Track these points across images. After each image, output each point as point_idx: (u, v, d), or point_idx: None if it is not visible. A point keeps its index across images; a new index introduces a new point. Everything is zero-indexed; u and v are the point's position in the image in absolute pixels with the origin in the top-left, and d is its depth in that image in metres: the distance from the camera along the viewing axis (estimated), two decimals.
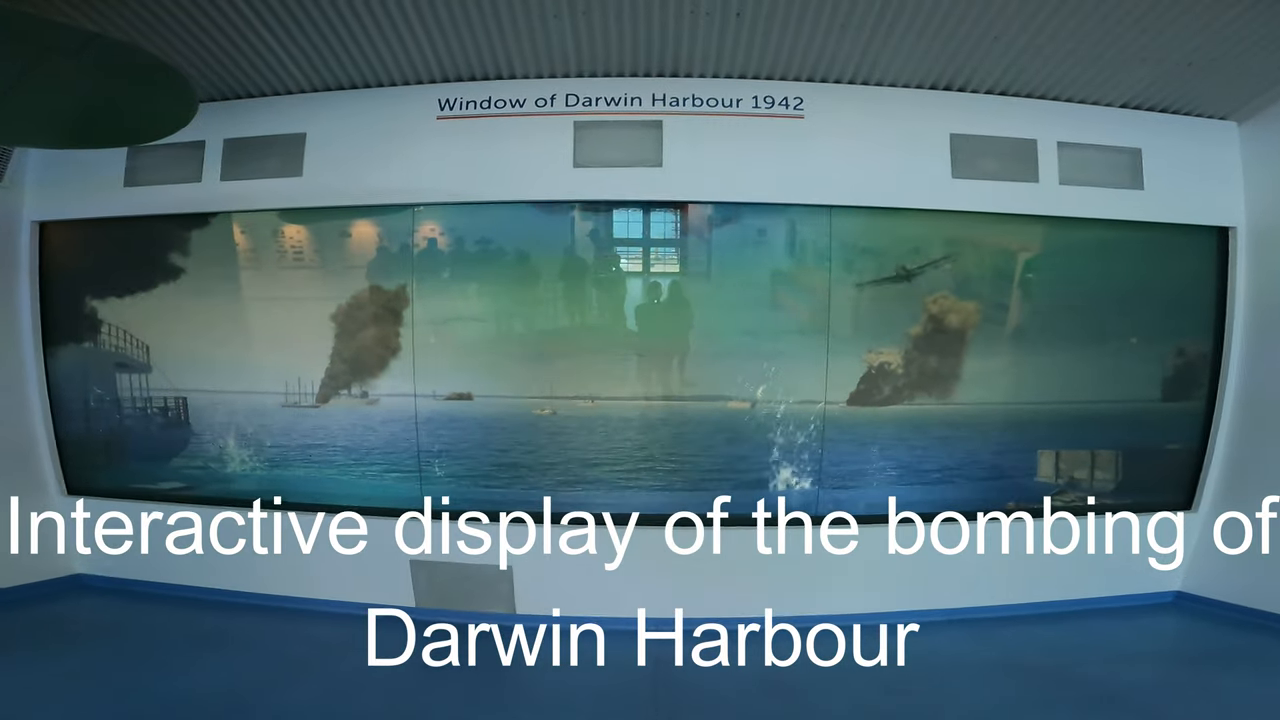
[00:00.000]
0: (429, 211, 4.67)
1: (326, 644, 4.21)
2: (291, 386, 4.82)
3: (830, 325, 4.63)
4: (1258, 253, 4.76)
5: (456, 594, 4.64)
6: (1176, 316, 4.92)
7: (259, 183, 4.70)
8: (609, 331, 4.74)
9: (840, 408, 4.65)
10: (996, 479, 4.80)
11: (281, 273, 4.84)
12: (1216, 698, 3.55)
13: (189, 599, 4.87)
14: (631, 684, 3.75)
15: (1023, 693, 3.63)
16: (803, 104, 4.54)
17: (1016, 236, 4.78)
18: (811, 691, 3.67)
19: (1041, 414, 4.83)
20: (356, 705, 3.48)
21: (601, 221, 4.70)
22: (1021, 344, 4.82)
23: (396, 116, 4.63)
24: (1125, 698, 3.55)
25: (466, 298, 4.72)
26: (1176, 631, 4.58)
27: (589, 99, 4.55)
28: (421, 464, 4.72)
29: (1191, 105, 4.74)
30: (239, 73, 4.50)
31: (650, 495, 4.64)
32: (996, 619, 4.67)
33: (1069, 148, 4.66)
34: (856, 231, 4.65)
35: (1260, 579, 4.58)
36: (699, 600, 4.55)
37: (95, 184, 4.82)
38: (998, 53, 4.27)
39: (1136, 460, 4.93)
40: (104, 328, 5.01)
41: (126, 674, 3.74)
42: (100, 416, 5.10)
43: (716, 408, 4.67)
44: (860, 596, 4.64)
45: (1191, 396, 4.94)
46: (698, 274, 4.74)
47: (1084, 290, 4.82)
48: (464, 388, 4.68)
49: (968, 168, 4.59)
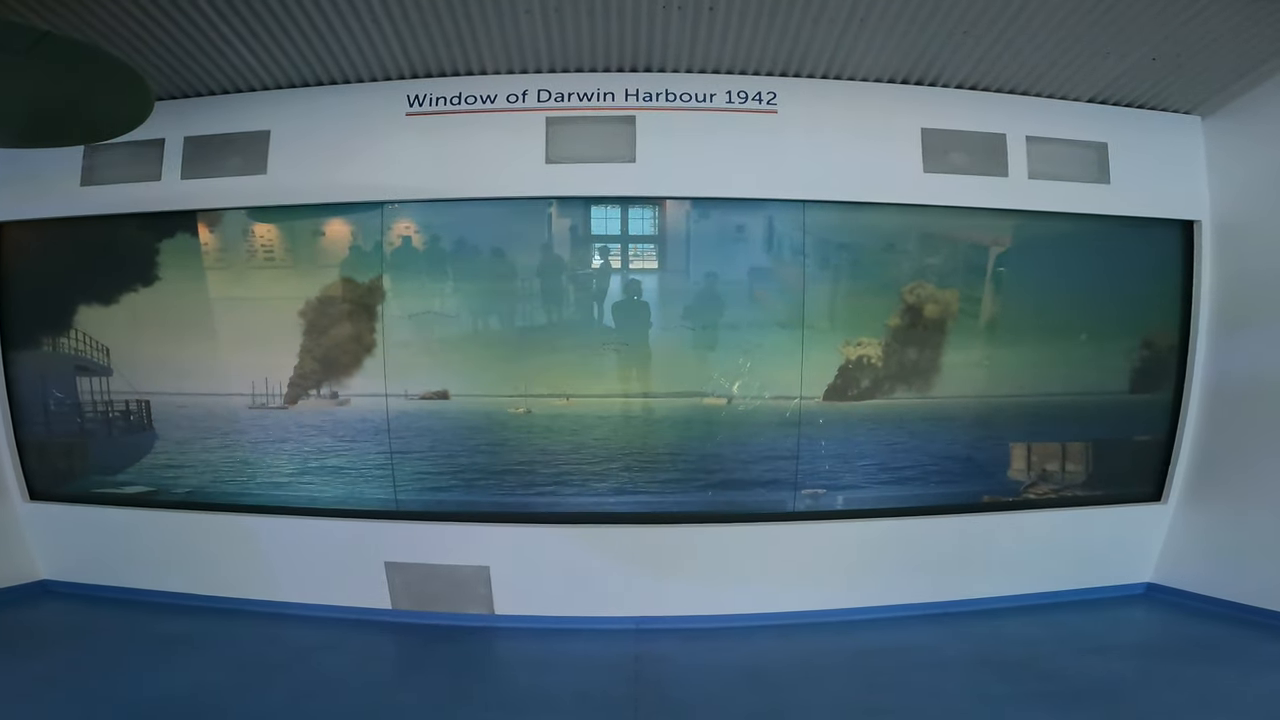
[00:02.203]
0: (399, 209, 4.60)
1: (299, 648, 4.15)
2: (259, 388, 4.73)
3: (805, 319, 4.62)
4: (1222, 246, 4.83)
5: (433, 596, 4.60)
6: (1143, 309, 4.98)
7: (222, 181, 4.59)
8: (583, 328, 4.69)
9: (816, 403, 4.66)
10: (969, 473, 4.84)
11: (247, 272, 4.74)
12: (1188, 688, 3.58)
13: (157, 604, 4.79)
14: (611, 684, 3.73)
15: (997, 686, 3.66)
16: (776, 99, 4.53)
17: (987, 230, 4.81)
18: (790, 687, 3.68)
19: (1012, 407, 4.87)
20: (330, 709, 3.43)
21: (576, 217, 4.65)
22: (993, 337, 4.86)
23: (365, 113, 4.55)
24: (1098, 690, 3.58)
25: (439, 296, 4.66)
26: (1148, 623, 4.64)
27: (561, 94, 4.51)
28: (394, 464, 4.65)
29: (1157, 100, 4.79)
30: (199, 69, 4.39)
31: (627, 494, 4.62)
32: (970, 613, 4.71)
33: (1038, 142, 4.70)
34: (830, 226, 4.65)
35: (1230, 570, 4.65)
36: (678, 598, 4.55)
37: (52, 183, 4.69)
38: (968, 47, 4.28)
39: (1106, 452, 4.99)
40: (63, 330, 4.89)
41: (94, 680, 3.69)
42: (61, 421, 4.97)
43: (692, 404, 4.65)
44: (836, 592, 4.66)
45: (1159, 388, 5.01)
46: (673, 270, 4.71)
47: (1053, 283, 4.87)
48: (437, 387, 4.62)
49: (939, 162, 4.61)
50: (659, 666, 3.94)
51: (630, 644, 4.24)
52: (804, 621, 4.55)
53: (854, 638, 4.33)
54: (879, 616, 4.63)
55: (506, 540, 4.54)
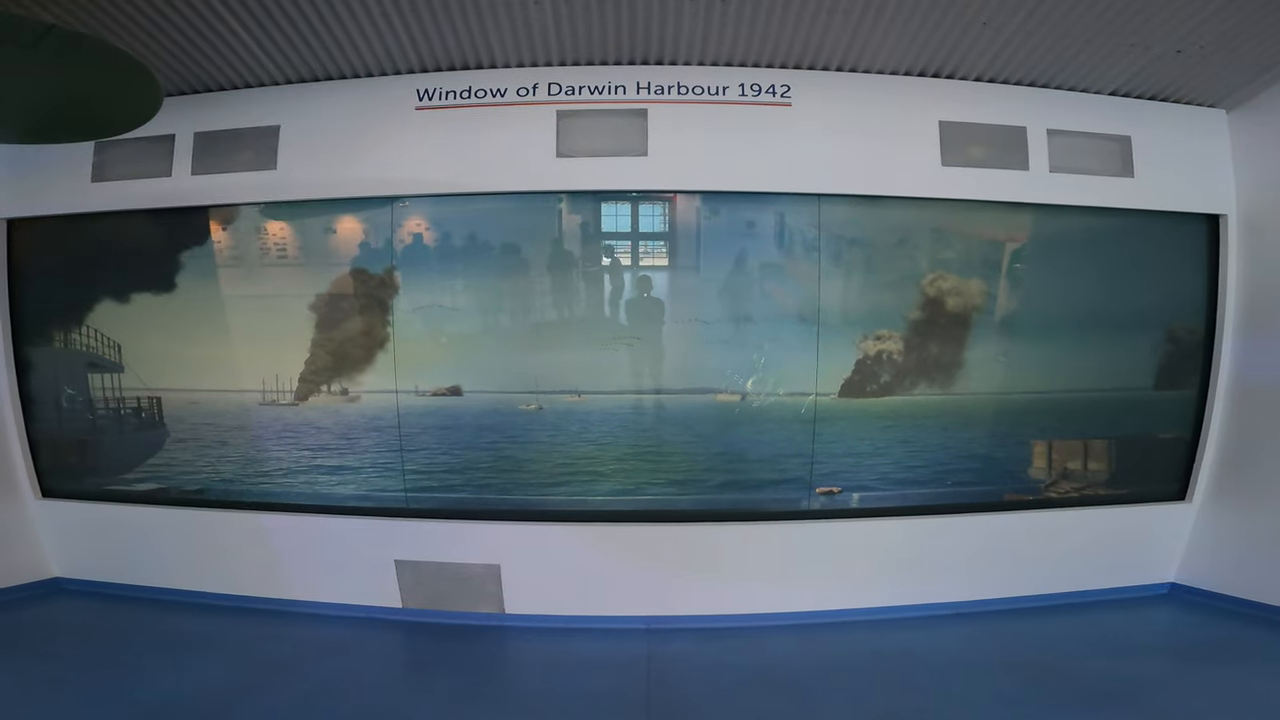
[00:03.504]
0: (409, 204, 4.57)
1: (310, 646, 4.15)
2: (269, 384, 4.72)
3: (820, 315, 4.56)
4: (1248, 240, 4.74)
5: (443, 594, 4.57)
6: (1168, 304, 4.89)
7: (232, 176, 4.58)
8: (594, 324, 4.65)
9: (831, 399, 4.60)
10: (991, 471, 4.77)
11: (258, 268, 4.73)
12: (1213, 690, 3.53)
13: (168, 601, 4.81)
14: (623, 684, 3.70)
15: (1020, 687, 3.60)
16: (790, 91, 4.47)
17: (1006, 224, 4.73)
18: (809, 688, 3.64)
19: (1034, 403, 4.80)
20: (340, 708, 3.42)
21: (587, 212, 4.61)
22: (1013, 333, 4.77)
23: (374, 108, 4.52)
24: (1123, 691, 3.53)
25: (449, 292, 4.63)
26: (1172, 623, 4.56)
27: (572, 88, 4.46)
28: (405, 461, 4.63)
29: (1181, 93, 4.70)
30: (209, 64, 4.38)
31: (639, 492, 4.58)
32: (992, 612, 4.65)
33: (1059, 135, 4.61)
34: (845, 220, 4.58)
35: (1255, 570, 4.57)
36: (690, 598, 4.52)
37: (62, 180, 4.70)
38: (987, 39, 4.21)
39: (1130, 450, 4.90)
40: (75, 327, 4.90)
41: (107, 678, 3.70)
42: (73, 418, 4.98)
43: (705, 401, 4.60)
44: (853, 592, 4.61)
45: (1184, 385, 4.92)
46: (685, 265, 4.66)
47: (1075, 278, 4.79)
48: (448, 383, 4.60)
49: (957, 155, 4.53)
50: (671, 667, 3.90)
51: (642, 644, 4.20)
52: (820, 621, 4.50)
53: (871, 638, 4.27)
54: (897, 617, 4.58)
55: (517, 538, 4.51)
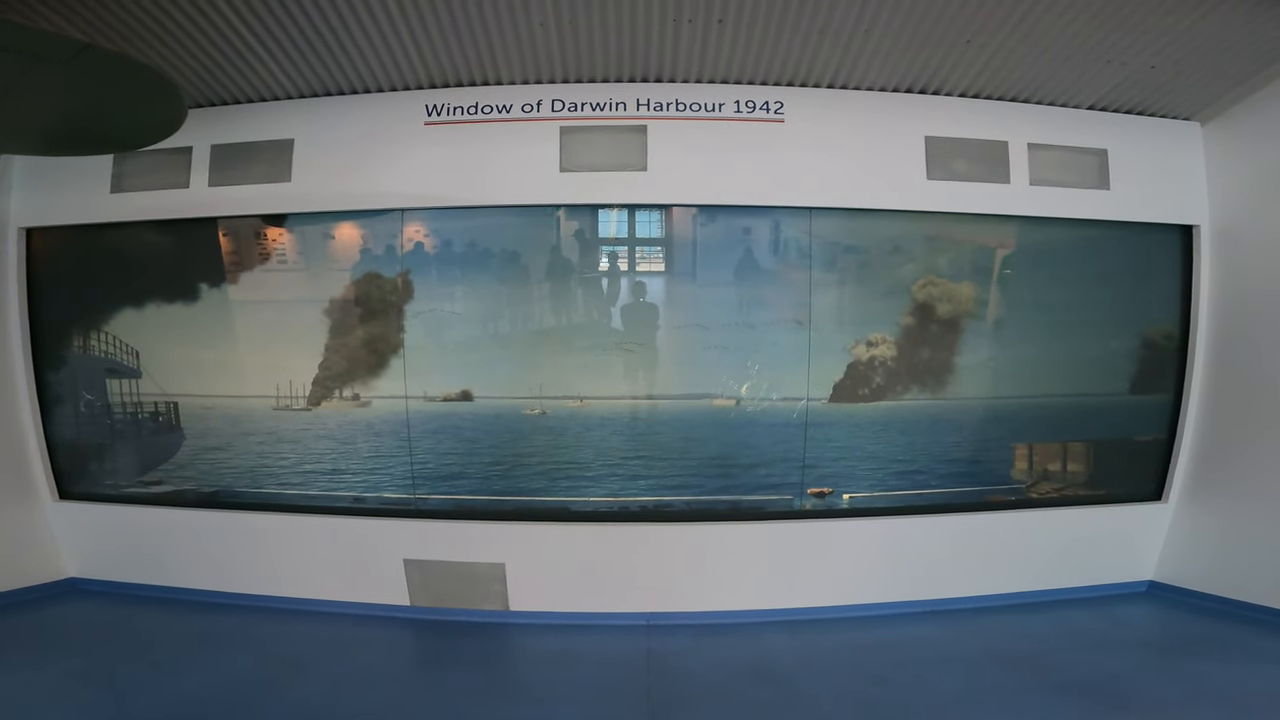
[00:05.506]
0: (418, 215, 4.72)
1: (323, 643, 4.25)
2: (283, 390, 4.85)
3: (812, 322, 4.72)
4: (1221, 250, 4.91)
5: (450, 592, 4.70)
6: (1144, 312, 5.06)
7: (247, 188, 4.72)
8: (594, 332, 4.80)
9: (823, 404, 4.76)
10: (973, 472, 4.93)
11: (271, 277, 4.86)
12: (1189, 684, 3.64)
13: (182, 601, 4.89)
14: (625, 678, 3.82)
15: (1000, 681, 3.72)
16: (783, 108, 4.65)
17: (993, 233, 4.89)
18: (797, 681, 3.76)
19: (1015, 408, 4.96)
20: (353, 704, 3.51)
21: (586, 222, 4.76)
22: (997, 339, 4.94)
23: (384, 122, 4.68)
24: (1100, 686, 3.63)
25: (456, 300, 4.77)
26: (1150, 620, 4.68)
27: (575, 104, 4.63)
28: (413, 464, 4.77)
29: (1156, 106, 4.88)
30: (226, 79, 4.53)
31: (638, 494, 4.72)
32: (975, 610, 4.79)
33: (1039, 149, 4.78)
34: (837, 228, 4.75)
35: (1231, 568, 4.71)
36: (688, 595, 4.65)
37: (82, 190, 4.83)
38: (971, 56, 4.39)
39: (1108, 452, 5.07)
40: (93, 333, 5.02)
41: (124, 677, 3.74)
42: (91, 422, 5.10)
43: (701, 406, 4.75)
44: (842, 589, 4.75)
45: (1160, 389, 5.09)
46: (682, 274, 4.81)
47: (1055, 286, 4.95)
48: (456, 389, 4.74)
49: (942, 169, 4.71)
50: (670, 661, 4.02)
51: (642, 640, 4.32)
52: (810, 618, 4.64)
53: (858, 633, 4.40)
54: (884, 613, 4.71)
55: (521, 538, 4.64)
